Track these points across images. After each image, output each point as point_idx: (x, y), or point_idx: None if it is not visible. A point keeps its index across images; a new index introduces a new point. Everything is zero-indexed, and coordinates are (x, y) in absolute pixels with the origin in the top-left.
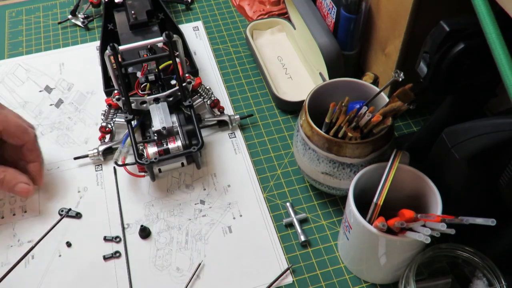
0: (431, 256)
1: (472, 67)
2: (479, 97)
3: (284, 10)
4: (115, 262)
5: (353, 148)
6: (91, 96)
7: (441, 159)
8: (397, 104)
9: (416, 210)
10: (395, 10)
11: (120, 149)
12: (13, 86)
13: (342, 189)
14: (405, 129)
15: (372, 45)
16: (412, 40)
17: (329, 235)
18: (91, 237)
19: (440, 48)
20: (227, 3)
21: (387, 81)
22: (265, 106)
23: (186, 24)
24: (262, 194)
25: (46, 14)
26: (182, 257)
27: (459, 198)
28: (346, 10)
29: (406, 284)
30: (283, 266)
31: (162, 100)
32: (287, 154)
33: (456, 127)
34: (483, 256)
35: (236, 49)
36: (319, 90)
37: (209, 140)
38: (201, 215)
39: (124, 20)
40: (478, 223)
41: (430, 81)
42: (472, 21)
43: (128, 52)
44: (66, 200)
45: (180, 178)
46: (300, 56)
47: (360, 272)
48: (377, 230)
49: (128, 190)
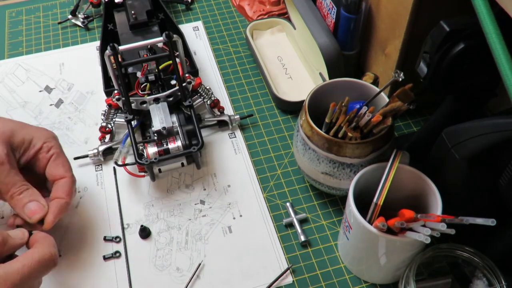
0: (431, 256)
1: (472, 67)
2: (479, 97)
3: (284, 10)
4: (115, 262)
5: (353, 148)
6: (91, 96)
7: (441, 159)
8: (397, 104)
9: (416, 210)
10: (395, 10)
11: (120, 149)
12: (13, 86)
13: (342, 189)
14: (405, 129)
15: (372, 45)
16: (412, 40)
17: (329, 235)
18: (91, 237)
19: (440, 48)
20: (227, 3)
21: (387, 81)
22: (265, 106)
23: (186, 24)
24: (262, 194)
25: (46, 14)
26: (182, 257)
27: (459, 198)
28: (346, 10)
29: (406, 284)
30: (283, 266)
31: (162, 100)
32: (287, 154)
33: (456, 127)
34: (483, 256)
35: (236, 49)
36: (319, 90)
37: (209, 140)
38: (201, 215)
39: (124, 20)
40: (478, 223)
41: (430, 81)
42: (472, 21)
43: (128, 52)
44: None
45: (180, 178)
46: (300, 56)
47: (360, 272)
48: (377, 230)
49: (128, 190)
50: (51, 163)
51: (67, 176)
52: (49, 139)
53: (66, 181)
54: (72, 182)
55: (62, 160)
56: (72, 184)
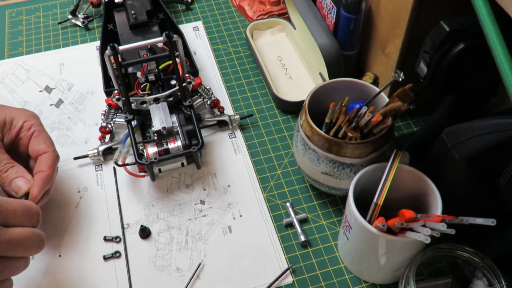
0: (431, 256)
1: (472, 67)
2: (479, 97)
3: (284, 10)
4: (115, 262)
5: (353, 148)
6: (91, 96)
7: (441, 159)
8: (397, 104)
9: (416, 210)
10: (395, 10)
11: (120, 149)
12: (13, 86)
13: (342, 189)
14: (405, 129)
15: (372, 45)
16: (412, 40)
17: (329, 235)
18: (91, 237)
19: (440, 48)
20: (227, 3)
21: (387, 81)
22: (265, 106)
23: (186, 24)
24: (262, 194)
25: (46, 14)
26: (182, 257)
27: (459, 198)
28: (346, 10)
29: (406, 284)
30: (283, 266)
31: (162, 100)
32: (287, 154)
33: (456, 127)
34: (483, 256)
35: (236, 49)
36: (319, 90)
37: (209, 140)
38: (201, 215)
39: (124, 20)
40: (478, 223)
41: (430, 81)
42: (472, 21)
43: (128, 52)
44: (66, 200)
45: (180, 178)
46: (300, 56)
47: (360, 272)
48: (377, 230)
49: (128, 190)
50: (33, 140)
51: (49, 151)
52: (29, 117)
53: (48, 155)
54: (54, 157)
55: (43, 137)
56: (54, 158)
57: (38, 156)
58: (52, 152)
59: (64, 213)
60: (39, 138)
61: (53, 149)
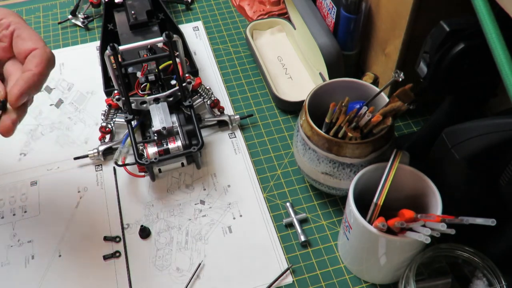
0: (431, 256)
1: (472, 67)
2: (479, 97)
3: (284, 10)
4: (115, 262)
5: (353, 148)
6: (91, 96)
7: (441, 159)
8: (397, 104)
9: (416, 210)
10: (395, 10)
11: (120, 149)
12: None
13: (342, 189)
14: (405, 129)
15: (372, 45)
16: (412, 40)
17: (329, 235)
18: (91, 237)
19: (440, 48)
20: (227, 3)
21: (387, 81)
22: (265, 106)
23: (186, 24)
24: (262, 194)
25: (46, 14)
26: (182, 257)
27: (459, 198)
28: (346, 10)
29: (406, 284)
30: (283, 266)
31: (162, 100)
32: (287, 154)
33: (456, 127)
34: (483, 256)
35: (236, 49)
36: (319, 90)
37: (209, 140)
38: (201, 215)
39: (124, 20)
40: (478, 223)
41: (430, 81)
42: (472, 21)
43: (128, 52)
44: (66, 200)
45: (180, 178)
46: (300, 56)
47: (360, 272)
48: (377, 230)
49: (128, 190)
50: (15, 39)
51: (38, 47)
52: (5, 15)
53: (36, 52)
54: (44, 53)
55: (27, 33)
56: (43, 55)
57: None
58: (41, 48)
59: (64, 213)
60: (23, 35)
61: (42, 45)
